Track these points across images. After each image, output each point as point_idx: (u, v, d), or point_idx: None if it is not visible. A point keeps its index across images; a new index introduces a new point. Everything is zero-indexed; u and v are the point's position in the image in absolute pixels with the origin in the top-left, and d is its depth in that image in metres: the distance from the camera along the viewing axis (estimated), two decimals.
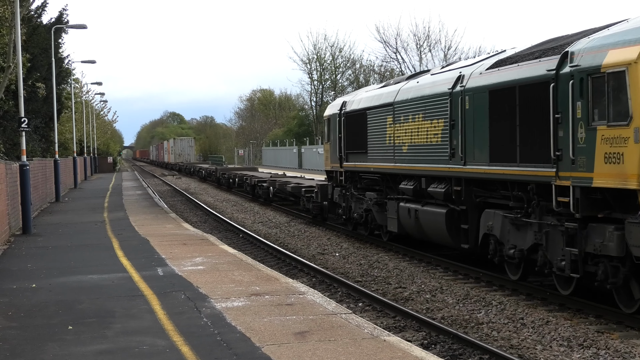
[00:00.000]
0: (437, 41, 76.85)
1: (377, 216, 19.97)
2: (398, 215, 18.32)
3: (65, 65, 50.96)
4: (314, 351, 8.56)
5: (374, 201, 19.97)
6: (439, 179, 16.48)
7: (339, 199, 23.22)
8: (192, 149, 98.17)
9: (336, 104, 24.04)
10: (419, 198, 17.45)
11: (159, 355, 8.61)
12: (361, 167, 20.91)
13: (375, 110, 19.86)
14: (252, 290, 12.32)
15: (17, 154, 27.10)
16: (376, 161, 19.64)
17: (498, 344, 10.68)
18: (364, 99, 21.22)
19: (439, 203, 16.44)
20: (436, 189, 16.38)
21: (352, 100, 22.30)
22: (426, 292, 14.23)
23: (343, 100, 23.17)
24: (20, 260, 16.73)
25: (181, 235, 20.66)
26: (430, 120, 16.55)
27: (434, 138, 16.41)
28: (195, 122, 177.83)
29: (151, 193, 42.39)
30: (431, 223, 16.74)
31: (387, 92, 19.45)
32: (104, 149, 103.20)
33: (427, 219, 16.89)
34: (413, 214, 17.45)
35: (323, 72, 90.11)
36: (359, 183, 21.60)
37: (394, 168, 18.53)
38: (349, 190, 22.23)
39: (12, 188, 22.50)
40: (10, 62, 23.73)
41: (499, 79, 13.90)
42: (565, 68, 11.86)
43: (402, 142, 17.99)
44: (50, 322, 10.44)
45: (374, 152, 19.87)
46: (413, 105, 17.48)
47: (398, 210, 18.31)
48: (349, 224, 22.91)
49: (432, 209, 16.71)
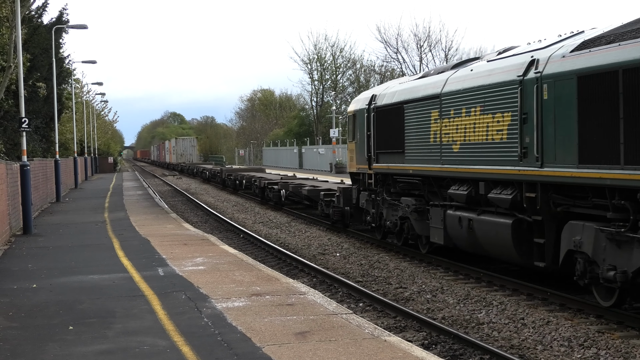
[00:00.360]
0: (437, 41, 77.00)
1: (415, 225, 17.62)
2: (445, 224, 15.95)
3: (66, 65, 50.98)
4: (315, 351, 8.56)
5: (412, 208, 17.53)
6: (502, 183, 13.92)
7: (367, 204, 20.95)
8: (194, 149, 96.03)
9: (363, 97, 21.53)
10: (474, 205, 14.98)
11: (159, 355, 8.61)
12: (396, 168, 18.46)
13: (415, 104, 17.32)
14: (252, 290, 12.32)
15: (17, 154, 27.12)
16: (416, 162, 17.29)
17: (499, 344, 10.68)
18: (399, 92, 18.57)
19: (502, 212, 13.99)
20: (499, 195, 13.83)
21: (384, 93, 19.61)
22: (427, 292, 14.22)
23: (372, 94, 20.50)
24: (20, 261, 16.73)
25: (182, 236, 20.67)
26: (492, 114, 14.03)
27: (496, 135, 13.92)
28: (196, 122, 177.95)
29: (152, 193, 42.39)
30: (491, 235, 14.20)
31: (431, 83, 16.93)
32: (105, 149, 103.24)
33: (486, 231, 14.37)
34: (466, 224, 15.02)
35: (324, 72, 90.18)
36: (393, 187, 19.11)
37: (440, 170, 16.06)
38: (380, 195, 19.88)
39: (12, 188, 22.51)
40: (10, 62, 23.73)
41: (593, 62, 11.39)
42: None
43: (452, 140, 15.52)
44: (50, 322, 10.45)
45: (413, 151, 17.48)
46: (467, 97, 14.98)
47: (445, 219, 15.93)
48: (376, 232, 20.77)
49: (492, 218, 14.20)
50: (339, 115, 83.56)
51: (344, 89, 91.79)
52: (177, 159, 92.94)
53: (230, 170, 51.40)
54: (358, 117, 21.23)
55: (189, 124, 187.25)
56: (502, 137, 13.72)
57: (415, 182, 17.82)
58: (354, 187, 22.21)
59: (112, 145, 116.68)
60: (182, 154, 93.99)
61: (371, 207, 20.57)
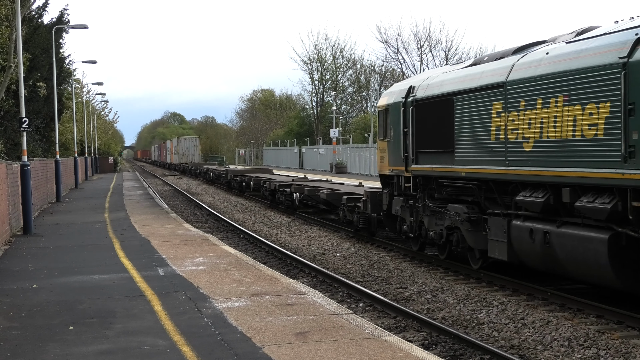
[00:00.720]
0: (437, 41, 77.06)
1: (468, 237, 15.21)
2: (509, 237, 13.54)
3: (66, 65, 51.00)
4: (315, 351, 8.56)
5: (464, 217, 15.10)
6: (596, 189, 11.48)
7: (402, 211, 18.48)
8: (196, 149, 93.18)
9: (398, 89, 18.94)
10: (551, 216, 12.60)
11: (159, 355, 8.61)
12: (442, 171, 16.01)
13: (469, 95, 14.92)
14: (253, 290, 12.32)
15: (18, 154, 27.15)
16: (470, 163, 14.83)
17: (499, 344, 10.68)
18: (446, 81, 16.17)
19: (592, 224, 11.60)
20: (593, 204, 11.34)
21: (425, 84, 17.18)
22: (427, 293, 14.22)
23: (409, 85, 17.98)
24: (21, 261, 16.73)
25: (182, 236, 20.67)
26: (582, 105, 11.58)
27: (589, 130, 11.42)
28: (196, 122, 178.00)
29: (152, 193, 42.40)
30: (578, 253, 11.79)
31: (490, 70, 14.45)
32: (105, 149, 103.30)
33: (570, 247, 11.94)
34: (540, 237, 12.63)
35: (324, 73, 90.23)
36: (437, 192, 16.61)
37: (505, 173, 13.56)
38: (420, 200, 17.39)
39: (13, 188, 22.52)
40: (11, 62, 23.74)
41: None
42: None
43: (522, 136, 13.01)
44: (51, 322, 10.45)
45: (466, 151, 15.03)
46: (544, 85, 12.54)
47: (510, 231, 13.54)
48: (412, 242, 18.48)
49: (580, 232, 11.78)
50: (339, 116, 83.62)
51: (344, 89, 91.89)
52: (179, 159, 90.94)
53: (236, 171, 48.42)
54: (392, 113, 18.74)
55: (189, 124, 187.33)
56: (598, 133, 11.25)
57: (468, 187, 15.18)
58: (385, 191, 19.73)
59: (112, 145, 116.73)
60: (184, 153, 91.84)
61: (408, 214, 18.18)
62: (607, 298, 12.33)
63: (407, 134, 17.74)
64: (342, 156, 62.19)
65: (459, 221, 15.33)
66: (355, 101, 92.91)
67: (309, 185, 29.33)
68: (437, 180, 16.58)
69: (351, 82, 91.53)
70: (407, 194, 18.18)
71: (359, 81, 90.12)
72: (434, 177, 16.70)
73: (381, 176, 20.12)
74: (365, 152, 55.86)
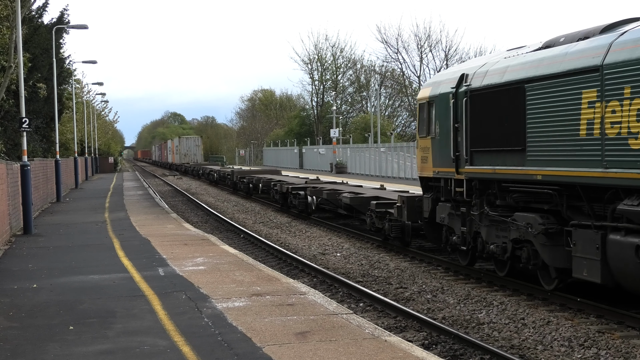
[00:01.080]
0: (437, 41, 77.11)
1: (543, 252, 12.88)
2: (605, 255, 11.33)
3: (67, 65, 51.04)
4: (315, 351, 8.57)
5: (539, 229, 12.75)
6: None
7: (449, 219, 16.10)
8: (199, 149, 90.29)
9: (445, 79, 16.48)
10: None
11: (160, 355, 8.61)
12: (508, 173, 13.54)
13: (547, 83, 12.52)
14: (253, 290, 12.32)
15: (18, 154, 27.15)
16: (549, 164, 12.46)
17: (499, 344, 10.68)
18: (513, 67, 13.66)
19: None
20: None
21: (483, 70, 14.72)
22: (427, 293, 14.22)
23: (461, 73, 15.48)
24: (21, 261, 16.73)
25: (182, 236, 20.67)
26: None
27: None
28: (197, 122, 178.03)
29: (152, 193, 42.41)
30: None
31: (577, 52, 12.07)
32: (105, 149, 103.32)
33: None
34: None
35: (324, 73, 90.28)
36: (500, 198, 14.16)
37: (603, 177, 11.19)
38: (477, 208, 14.91)
39: (13, 188, 22.52)
40: (11, 62, 23.74)
41: None
42: None
43: (628, 131, 10.71)
44: (51, 322, 10.45)
45: (543, 149, 12.63)
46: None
47: (605, 248, 11.32)
48: (460, 256, 16.20)
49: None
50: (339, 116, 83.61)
51: (344, 89, 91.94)
52: (181, 159, 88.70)
53: (242, 172, 45.30)
54: (437, 105, 16.37)
55: (189, 124, 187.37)
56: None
57: (544, 192, 12.83)
58: (426, 196, 17.31)
59: (112, 145, 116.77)
60: (185, 153, 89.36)
61: (458, 223, 15.75)
62: (607, 298, 12.33)
63: (459, 130, 15.27)
64: (342, 156, 62.21)
65: (532, 233, 12.96)
66: (355, 101, 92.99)
67: (325, 187, 27.34)
68: (500, 184, 14.07)
69: (351, 82, 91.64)
70: (457, 199, 15.67)
71: (359, 81, 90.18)
72: (495, 181, 14.23)
73: (422, 179, 17.62)
74: (365, 152, 55.88)
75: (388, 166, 49.09)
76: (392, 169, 48.21)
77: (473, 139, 14.82)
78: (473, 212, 15.10)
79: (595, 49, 11.61)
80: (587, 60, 11.66)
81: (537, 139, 12.81)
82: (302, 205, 27.97)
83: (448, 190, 16.07)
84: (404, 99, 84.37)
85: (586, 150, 11.65)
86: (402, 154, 47.31)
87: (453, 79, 15.79)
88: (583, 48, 11.98)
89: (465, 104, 15.01)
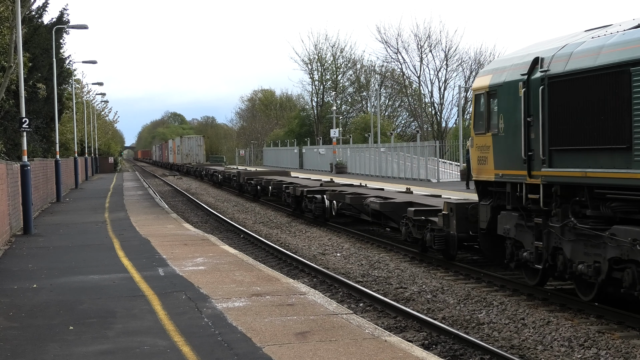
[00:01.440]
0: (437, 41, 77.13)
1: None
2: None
3: (67, 65, 51.04)
4: (315, 351, 8.57)
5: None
6: None
7: (517, 231, 13.57)
8: (201, 149, 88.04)
9: (512, 64, 13.87)
10: None
11: (160, 355, 8.61)
12: (607, 177, 11.07)
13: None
14: (253, 290, 12.32)
15: (18, 154, 27.15)
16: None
17: (499, 344, 10.68)
18: (610, 47, 11.16)
19: None
20: None
21: (566, 52, 12.20)
22: (427, 293, 14.22)
23: (535, 57, 12.85)
24: (21, 261, 16.74)
25: (182, 236, 20.67)
26: None
27: None
28: (197, 122, 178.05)
29: (152, 193, 42.41)
30: None
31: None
32: (105, 149, 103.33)
33: None
34: None
35: (324, 73, 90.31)
36: (592, 207, 11.67)
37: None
38: (557, 218, 12.43)
39: (13, 188, 22.53)
40: (11, 62, 23.75)
41: None
42: None
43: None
44: (51, 322, 10.45)
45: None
46: None
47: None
48: (526, 274, 13.71)
49: None
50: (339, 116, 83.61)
51: (344, 89, 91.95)
52: (182, 160, 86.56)
53: (249, 173, 43.00)
54: (502, 96, 13.95)
55: (189, 124, 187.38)
56: None
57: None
58: (484, 203, 14.98)
59: (112, 145, 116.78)
60: (187, 154, 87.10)
61: (530, 237, 13.17)
62: (607, 298, 12.32)
63: (533, 125, 12.85)
64: (342, 156, 62.20)
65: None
66: (355, 101, 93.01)
67: (346, 191, 25.24)
68: (593, 190, 11.61)
69: (351, 82, 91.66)
70: (529, 208, 13.21)
71: (359, 81, 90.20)
72: (585, 186, 11.75)
73: (478, 183, 15.23)
74: (365, 152, 55.88)
75: (388, 166, 49.10)
76: (392, 169, 48.21)
77: (553, 136, 12.29)
78: (552, 224, 12.55)
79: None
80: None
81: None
82: (319, 210, 25.48)
83: (516, 197, 13.49)
84: (404, 99, 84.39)
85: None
86: (402, 154, 47.31)
87: (522, 64, 13.27)
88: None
89: (542, 93, 12.51)
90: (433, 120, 79.28)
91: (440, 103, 78.63)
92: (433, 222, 16.96)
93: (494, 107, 14.39)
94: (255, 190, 37.49)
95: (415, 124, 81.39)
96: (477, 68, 76.84)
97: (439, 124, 78.44)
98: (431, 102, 79.67)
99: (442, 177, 42.12)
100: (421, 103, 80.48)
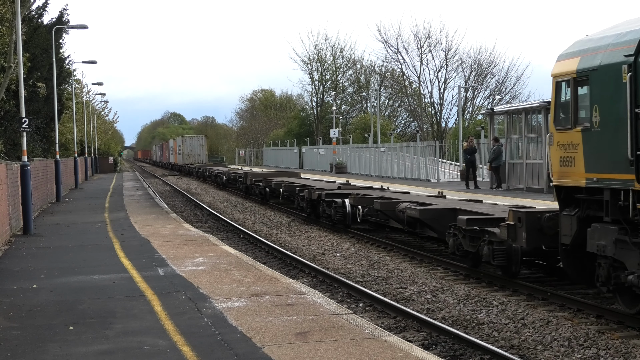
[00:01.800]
0: (437, 42, 77.06)
1: None
2: None
3: (66, 65, 51.05)
4: (315, 351, 8.57)
5: None
6: None
7: (618, 249, 10.87)
8: (203, 149, 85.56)
9: (608, 43, 11.20)
10: None
11: (159, 355, 8.61)
12: None
13: None
14: (253, 290, 12.32)
15: (18, 154, 27.13)
16: None
17: (499, 344, 10.68)
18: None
19: None
20: None
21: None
22: (427, 293, 14.22)
23: (638, 34, 10.45)
24: (21, 261, 16.74)
25: (182, 236, 20.67)
26: None
27: None
28: (196, 122, 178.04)
29: (152, 193, 42.41)
30: None
31: None
32: (105, 149, 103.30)
33: None
34: None
35: (324, 73, 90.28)
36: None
37: None
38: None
39: (13, 188, 22.53)
40: (11, 62, 23.75)
41: None
42: None
43: None
44: (51, 322, 10.45)
45: None
46: None
47: None
48: (626, 300, 11.18)
49: None
50: (339, 116, 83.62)
51: (344, 89, 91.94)
52: (184, 160, 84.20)
53: (257, 175, 40.33)
54: (596, 82, 11.32)
55: (189, 124, 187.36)
56: None
57: None
58: (568, 213, 12.15)
59: (112, 145, 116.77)
60: (189, 154, 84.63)
61: (636, 256, 10.55)
62: (607, 298, 12.33)
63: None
64: (342, 156, 62.17)
65: None
66: (355, 101, 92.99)
67: (372, 194, 22.76)
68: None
69: (351, 82, 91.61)
70: (635, 220, 10.62)
71: (359, 81, 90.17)
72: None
73: (559, 189, 12.41)
74: (365, 153, 55.85)
75: (388, 166, 49.06)
76: (392, 169, 48.18)
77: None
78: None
79: None
80: None
81: None
82: (340, 216, 23.22)
83: (618, 207, 10.91)
84: (403, 99, 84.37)
85: None
86: (401, 154, 47.28)
87: (624, 42, 10.71)
88: None
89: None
90: (433, 120, 79.28)
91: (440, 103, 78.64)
92: (491, 234, 14.42)
93: (584, 97, 11.74)
94: (264, 192, 34.96)
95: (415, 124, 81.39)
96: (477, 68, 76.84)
97: (438, 124, 78.44)
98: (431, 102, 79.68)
99: (442, 177, 42.11)
100: (421, 103, 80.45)
